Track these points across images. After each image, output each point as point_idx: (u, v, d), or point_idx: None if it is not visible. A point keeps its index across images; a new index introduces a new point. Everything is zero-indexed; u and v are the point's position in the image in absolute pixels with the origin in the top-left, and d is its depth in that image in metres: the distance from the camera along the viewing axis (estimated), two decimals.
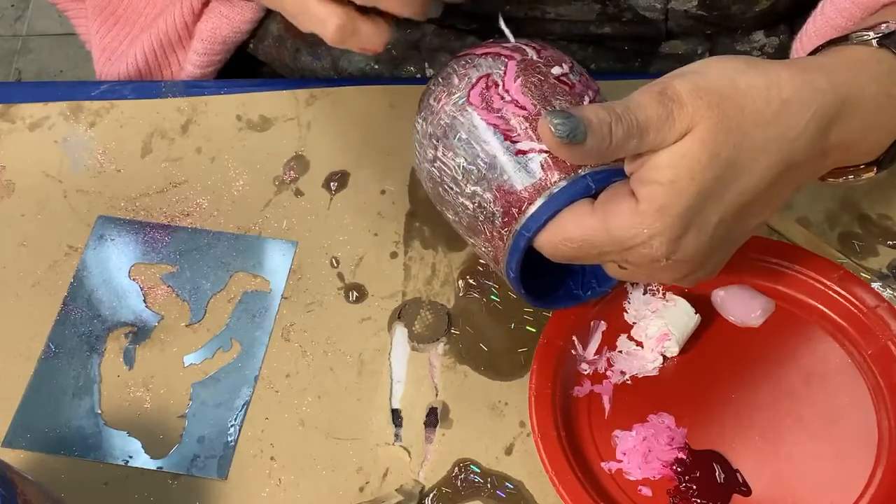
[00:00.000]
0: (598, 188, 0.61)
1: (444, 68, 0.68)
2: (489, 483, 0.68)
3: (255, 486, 0.69)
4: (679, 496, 0.66)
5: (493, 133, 0.64)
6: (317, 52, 0.91)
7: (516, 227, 0.63)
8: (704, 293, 0.74)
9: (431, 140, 0.66)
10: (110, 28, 0.94)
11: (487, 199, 0.64)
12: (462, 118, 0.65)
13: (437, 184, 0.67)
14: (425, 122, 0.67)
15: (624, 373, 0.71)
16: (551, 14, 0.84)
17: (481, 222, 0.65)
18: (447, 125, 0.65)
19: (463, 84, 0.65)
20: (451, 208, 0.67)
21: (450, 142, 0.65)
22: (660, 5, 0.83)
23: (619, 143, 0.57)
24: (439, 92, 0.67)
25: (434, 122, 0.66)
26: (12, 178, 0.83)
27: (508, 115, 0.64)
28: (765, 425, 0.69)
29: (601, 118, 0.57)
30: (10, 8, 2.24)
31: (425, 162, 0.67)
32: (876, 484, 0.66)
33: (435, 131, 0.66)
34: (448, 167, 0.65)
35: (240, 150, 0.84)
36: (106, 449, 0.70)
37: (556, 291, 0.70)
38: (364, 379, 0.73)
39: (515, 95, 0.64)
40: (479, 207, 0.64)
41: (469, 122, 0.64)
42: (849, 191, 0.79)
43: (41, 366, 0.74)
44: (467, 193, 0.64)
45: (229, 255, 0.79)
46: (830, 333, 0.72)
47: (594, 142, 0.57)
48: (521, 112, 0.64)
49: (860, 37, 0.65)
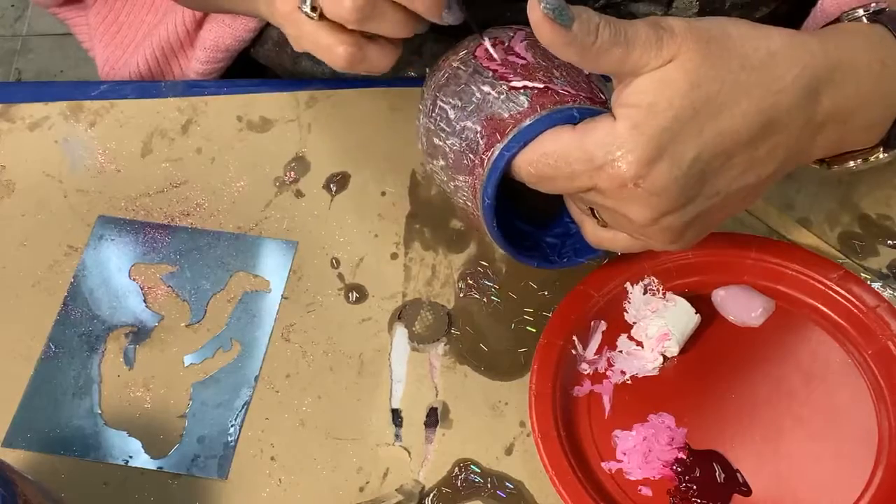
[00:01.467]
0: (582, 118, 0.61)
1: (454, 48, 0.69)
2: (489, 483, 0.68)
3: (255, 486, 0.69)
4: (679, 496, 0.66)
5: (490, 75, 0.65)
6: (317, 58, 0.91)
7: (498, 147, 0.63)
8: (704, 293, 0.74)
9: (433, 92, 0.67)
10: (113, 36, 0.94)
11: (475, 131, 0.64)
12: (464, 68, 0.66)
13: (432, 133, 0.67)
14: (429, 80, 0.68)
15: (624, 373, 0.71)
16: None
17: (467, 154, 0.65)
18: (450, 75, 0.67)
19: (471, 44, 0.67)
20: (440, 154, 0.67)
21: (449, 89, 0.66)
22: (660, 12, 0.83)
23: (603, 44, 0.58)
24: (448, 54, 0.68)
25: (437, 75, 0.68)
26: (12, 178, 0.83)
27: (507, 63, 0.65)
28: (765, 425, 0.69)
29: (591, 16, 0.58)
30: (10, 8, 2.24)
31: (423, 116, 0.68)
32: (876, 484, 0.66)
33: (437, 83, 0.67)
34: (444, 111, 0.66)
35: (240, 150, 0.84)
36: (106, 449, 0.70)
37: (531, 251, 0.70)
38: (364, 379, 0.73)
39: (518, 50, 0.66)
40: (467, 141, 0.65)
41: (470, 69, 0.66)
42: (849, 191, 0.79)
43: (41, 366, 0.74)
44: (458, 130, 0.65)
45: (229, 255, 0.79)
46: (830, 333, 0.72)
47: (580, 31, 0.57)
48: (520, 61, 0.65)
49: (850, 15, 0.66)
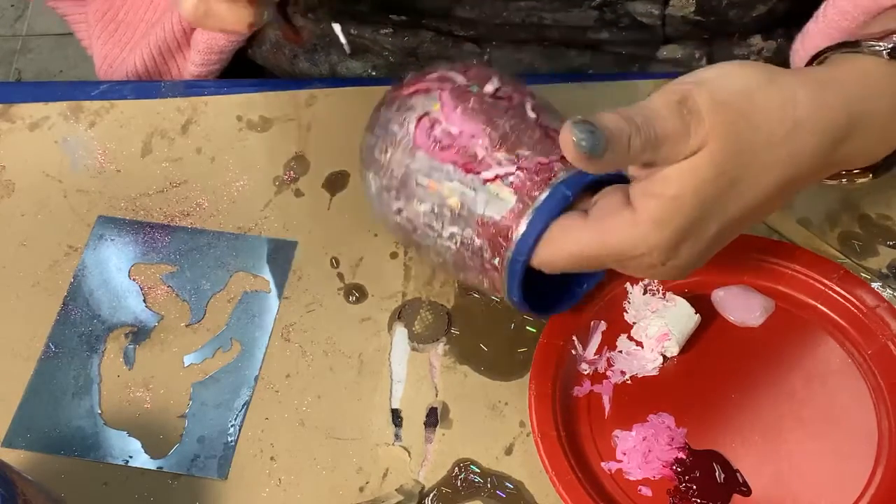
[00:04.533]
0: (574, 193, 0.61)
1: (377, 116, 0.66)
2: (489, 483, 0.68)
3: (255, 486, 0.69)
4: (679, 496, 0.66)
5: (453, 170, 0.62)
6: (314, 59, 0.91)
7: (508, 255, 0.61)
8: (704, 293, 0.74)
9: (390, 193, 0.65)
10: (112, 34, 0.94)
11: (469, 236, 0.63)
12: (415, 164, 0.63)
13: (410, 232, 0.65)
14: (378, 177, 0.65)
15: (624, 373, 0.71)
16: (548, 20, 0.84)
17: (468, 258, 0.63)
18: (403, 175, 0.64)
19: (403, 130, 0.64)
20: (431, 251, 0.65)
21: (410, 190, 0.63)
22: (657, 11, 0.83)
23: (634, 154, 0.56)
24: (382, 143, 0.65)
25: (388, 175, 0.64)
26: (12, 178, 0.83)
27: (463, 148, 0.62)
28: (765, 425, 0.69)
29: (622, 130, 0.56)
30: (10, 8, 2.24)
31: (390, 214, 0.66)
32: (876, 484, 0.66)
33: (391, 184, 0.64)
34: (417, 215, 0.64)
35: (240, 150, 0.84)
36: (106, 449, 0.70)
37: (554, 294, 0.70)
38: (364, 379, 0.73)
39: (462, 126, 0.63)
40: (463, 245, 0.63)
41: (424, 166, 0.63)
42: (849, 191, 0.79)
43: (41, 366, 0.74)
44: (445, 236, 0.63)
45: (229, 255, 0.79)
46: (830, 333, 0.72)
47: (612, 155, 0.56)
48: (474, 140, 0.62)
49: (871, 47, 0.64)
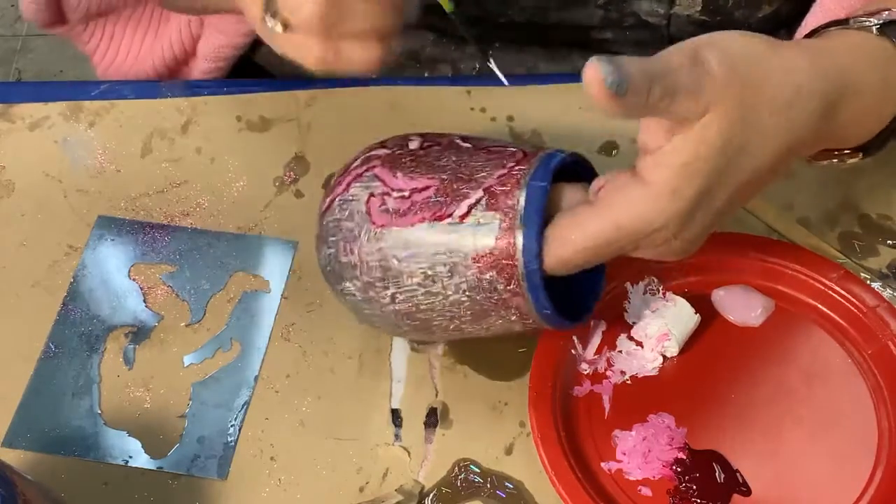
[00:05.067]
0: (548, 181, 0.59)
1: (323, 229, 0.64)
2: (489, 483, 0.68)
3: (255, 486, 0.69)
4: (679, 496, 0.66)
5: (425, 228, 0.60)
6: None
7: (521, 270, 0.59)
8: (704, 293, 0.74)
9: (376, 287, 0.62)
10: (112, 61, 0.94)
11: (474, 277, 0.60)
12: (387, 243, 0.61)
13: (414, 314, 0.62)
14: (356, 280, 0.63)
15: (624, 373, 0.71)
16: (553, 20, 0.84)
17: (485, 300, 0.61)
18: (380, 260, 0.61)
19: (356, 221, 0.62)
20: (444, 320, 0.62)
21: (395, 271, 0.61)
22: (662, 11, 0.83)
23: (653, 102, 0.56)
24: (343, 246, 0.63)
25: (364, 271, 0.62)
26: (12, 178, 0.83)
27: (422, 203, 0.61)
28: (765, 425, 0.69)
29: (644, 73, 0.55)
30: (10, 8, 2.24)
31: (387, 308, 0.63)
32: (876, 484, 0.66)
33: (372, 277, 0.62)
34: (414, 291, 0.61)
35: (240, 150, 0.84)
36: (106, 449, 0.70)
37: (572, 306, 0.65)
38: (364, 379, 0.73)
39: (410, 185, 0.61)
40: (473, 289, 0.60)
41: (397, 240, 0.61)
42: (849, 191, 0.79)
43: (41, 366, 0.74)
44: (451, 292, 0.61)
45: (229, 255, 0.79)
46: (830, 333, 0.72)
47: (634, 98, 0.55)
48: (429, 191, 0.61)
49: (860, 22, 0.65)
